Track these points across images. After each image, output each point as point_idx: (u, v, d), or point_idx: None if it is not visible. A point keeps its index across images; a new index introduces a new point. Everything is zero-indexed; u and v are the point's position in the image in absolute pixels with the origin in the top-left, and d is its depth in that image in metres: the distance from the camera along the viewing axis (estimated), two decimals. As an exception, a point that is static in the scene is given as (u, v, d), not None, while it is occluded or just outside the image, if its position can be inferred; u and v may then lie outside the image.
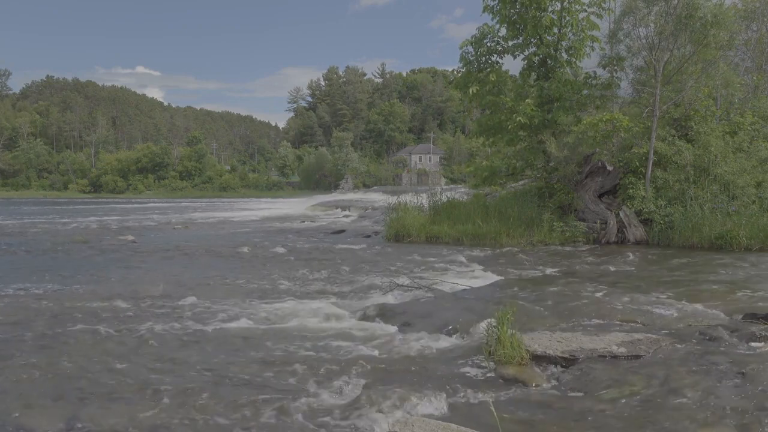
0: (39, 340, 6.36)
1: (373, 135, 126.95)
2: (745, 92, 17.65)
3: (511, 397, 4.54)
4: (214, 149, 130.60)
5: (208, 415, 4.31)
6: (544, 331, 6.03)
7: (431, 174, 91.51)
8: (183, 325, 6.97)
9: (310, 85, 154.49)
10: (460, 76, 18.57)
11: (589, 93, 17.53)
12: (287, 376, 5.11)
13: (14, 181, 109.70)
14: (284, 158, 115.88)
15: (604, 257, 12.68)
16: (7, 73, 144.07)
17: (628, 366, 4.97)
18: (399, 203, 18.46)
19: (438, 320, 6.81)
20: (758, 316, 6.25)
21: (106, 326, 6.92)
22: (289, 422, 4.18)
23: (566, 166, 16.41)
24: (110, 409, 4.41)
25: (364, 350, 5.88)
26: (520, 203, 16.34)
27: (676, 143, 15.53)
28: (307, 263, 12.45)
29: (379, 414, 4.24)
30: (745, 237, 13.23)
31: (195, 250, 15.12)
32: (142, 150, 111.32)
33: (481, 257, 13.03)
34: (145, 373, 5.25)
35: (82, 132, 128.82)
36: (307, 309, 7.72)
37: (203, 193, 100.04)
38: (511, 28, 17.58)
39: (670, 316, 6.80)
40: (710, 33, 14.76)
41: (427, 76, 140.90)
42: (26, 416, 4.29)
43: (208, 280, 10.31)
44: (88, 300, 8.45)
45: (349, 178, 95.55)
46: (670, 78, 16.15)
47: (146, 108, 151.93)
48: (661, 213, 14.92)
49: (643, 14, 15.57)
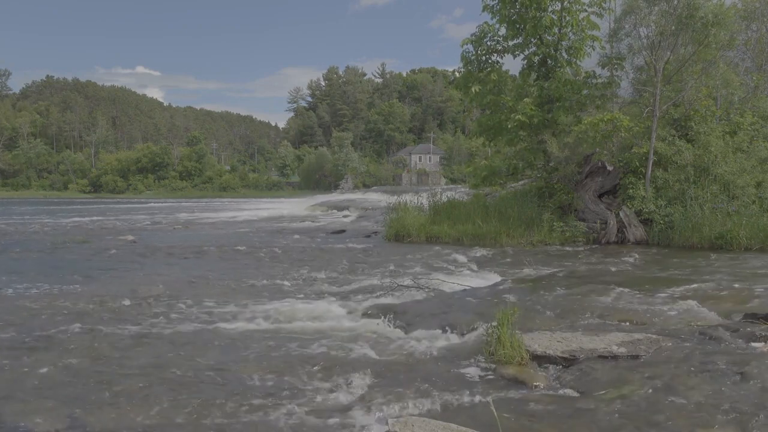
0: (39, 340, 6.36)
1: (373, 135, 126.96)
2: (745, 92, 17.64)
3: (511, 397, 4.54)
4: (214, 149, 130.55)
5: (208, 415, 4.31)
6: (544, 331, 6.03)
7: (431, 174, 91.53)
8: (183, 325, 6.98)
9: (310, 85, 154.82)
10: (460, 76, 18.56)
11: (589, 93, 17.51)
12: (287, 376, 5.11)
13: (14, 181, 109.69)
14: (284, 158, 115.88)
15: (604, 257, 12.68)
16: (7, 73, 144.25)
17: (628, 366, 4.97)
18: (399, 203, 18.44)
19: (438, 320, 6.81)
20: (758, 316, 6.25)
21: (106, 326, 6.92)
22: (289, 422, 4.18)
23: (566, 166, 16.41)
24: (110, 409, 4.41)
25: (364, 350, 5.88)
26: (520, 203, 16.34)
27: (676, 143, 15.52)
28: (307, 263, 12.46)
29: (379, 414, 4.24)
30: (745, 237, 13.23)
31: (195, 251, 15.12)
32: (142, 150, 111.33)
33: (481, 257, 13.03)
34: (144, 373, 5.25)
35: (82, 132, 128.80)
36: (307, 309, 7.72)
37: (203, 193, 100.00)
38: (511, 28, 17.57)
39: (670, 316, 6.80)
40: (711, 33, 14.76)
41: (427, 76, 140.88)
42: (26, 416, 4.29)
43: (208, 280, 10.31)
44: (88, 300, 8.45)
45: (349, 178, 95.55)
46: (671, 78, 16.15)
47: (146, 108, 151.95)
48: (661, 213, 14.92)
49: (644, 14, 15.56)
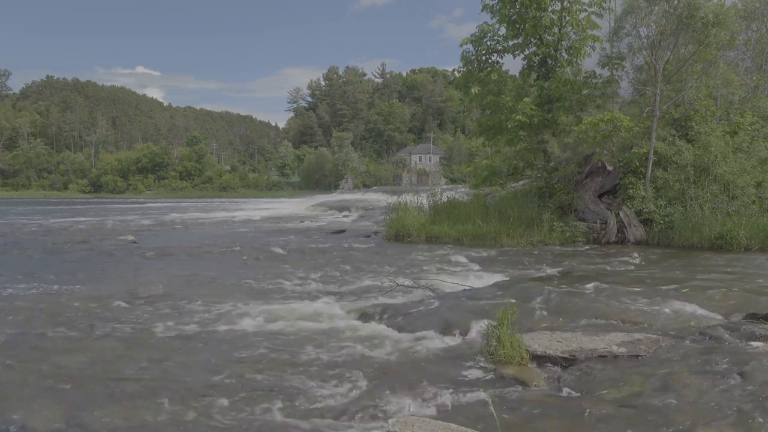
0: (39, 340, 6.37)
1: (372, 135, 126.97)
2: (745, 92, 17.64)
3: (511, 397, 4.53)
4: (214, 149, 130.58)
5: (208, 415, 4.31)
6: (544, 331, 6.03)
7: (431, 174, 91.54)
8: (182, 326, 6.97)
9: (310, 85, 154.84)
10: (460, 76, 18.55)
11: (589, 93, 17.51)
12: (287, 376, 5.11)
13: (14, 181, 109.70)
14: (284, 158, 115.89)
15: (604, 257, 12.68)
16: (7, 73, 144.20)
17: (628, 366, 4.96)
18: (399, 203, 18.44)
19: (438, 320, 6.81)
20: (758, 316, 6.25)
21: (106, 326, 6.92)
22: (289, 422, 4.17)
23: (566, 166, 16.41)
24: (110, 409, 4.41)
25: (364, 350, 5.87)
26: (520, 203, 16.34)
27: (676, 143, 15.53)
28: (306, 263, 12.45)
29: (379, 414, 4.24)
30: (745, 237, 13.23)
31: (195, 250, 15.12)
32: (142, 150, 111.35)
33: (481, 257, 13.03)
34: (144, 373, 5.25)
35: (82, 132, 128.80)
36: (307, 309, 7.72)
37: (203, 193, 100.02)
38: (511, 28, 17.57)
39: (670, 316, 6.80)
40: (711, 33, 14.75)
41: (427, 76, 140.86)
42: (26, 416, 4.29)
43: (207, 281, 10.31)
44: (88, 300, 8.45)
45: (349, 178, 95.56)
46: (671, 78, 16.15)
47: (146, 108, 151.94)
48: (661, 213, 14.91)
49: (645, 14, 15.56)
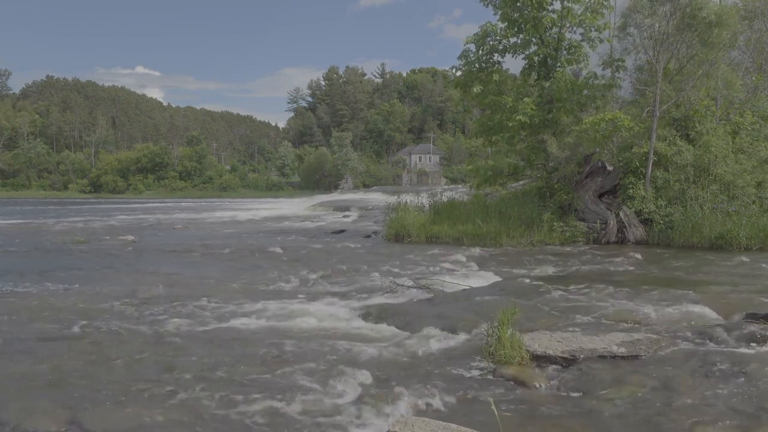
0: (39, 340, 6.36)
1: (372, 135, 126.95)
2: (745, 92, 17.64)
3: (511, 397, 4.53)
4: (214, 149, 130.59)
5: (208, 415, 4.31)
6: (544, 331, 6.03)
7: (431, 174, 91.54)
8: (183, 326, 6.97)
9: (310, 85, 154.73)
10: (461, 75, 18.54)
11: (589, 93, 17.52)
12: (287, 376, 5.11)
13: (14, 181, 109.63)
14: (284, 158, 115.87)
15: (604, 257, 12.68)
16: (7, 73, 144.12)
17: (628, 366, 4.97)
18: (399, 203, 18.44)
19: (438, 320, 6.81)
20: (758, 316, 6.26)
21: (106, 326, 6.92)
22: (289, 422, 4.17)
23: (566, 166, 16.40)
24: (110, 410, 4.41)
25: (364, 350, 5.87)
26: (520, 203, 16.33)
27: (676, 143, 15.53)
28: (307, 263, 12.45)
29: (379, 414, 4.24)
30: (745, 237, 13.24)
31: (195, 250, 15.12)
32: (141, 150, 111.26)
33: (481, 257, 13.03)
34: (144, 373, 5.25)
35: (82, 132, 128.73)
36: (307, 309, 7.71)
37: (203, 193, 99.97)
38: (511, 25, 17.57)
39: (670, 316, 6.80)
40: (713, 33, 14.75)
41: (427, 76, 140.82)
42: (26, 416, 4.29)
43: (207, 281, 10.30)
44: (88, 300, 8.45)
45: (349, 178, 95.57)
46: (671, 78, 16.14)
47: (146, 108, 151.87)
48: (661, 213, 14.92)
49: (647, 13, 15.54)
